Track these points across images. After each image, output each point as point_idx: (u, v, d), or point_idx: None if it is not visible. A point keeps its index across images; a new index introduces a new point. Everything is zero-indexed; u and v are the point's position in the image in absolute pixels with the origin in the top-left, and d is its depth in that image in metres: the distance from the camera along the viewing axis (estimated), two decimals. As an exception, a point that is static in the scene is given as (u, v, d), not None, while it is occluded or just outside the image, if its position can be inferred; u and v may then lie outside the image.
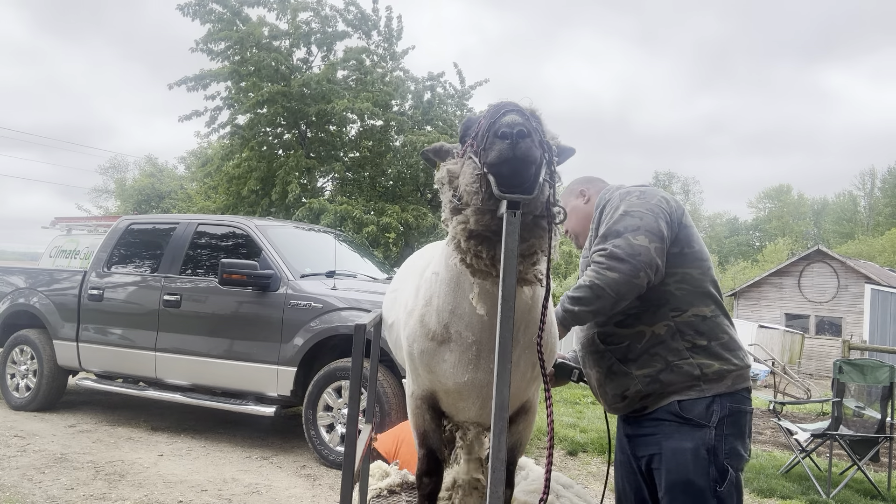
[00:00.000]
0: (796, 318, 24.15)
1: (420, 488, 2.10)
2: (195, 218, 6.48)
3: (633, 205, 2.09)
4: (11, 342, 6.85)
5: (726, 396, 2.02)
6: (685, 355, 2.04)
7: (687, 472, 1.98)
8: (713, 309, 2.10)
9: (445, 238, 1.77)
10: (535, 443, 5.90)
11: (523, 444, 2.13)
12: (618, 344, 2.11)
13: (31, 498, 4.08)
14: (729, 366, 2.05)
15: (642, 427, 2.12)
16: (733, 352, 2.08)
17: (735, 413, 2.03)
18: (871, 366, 5.70)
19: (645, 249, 1.99)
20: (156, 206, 28.82)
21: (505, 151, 1.45)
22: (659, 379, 2.04)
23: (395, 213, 10.50)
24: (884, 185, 56.91)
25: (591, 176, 2.48)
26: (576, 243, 2.45)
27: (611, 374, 2.13)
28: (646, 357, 2.07)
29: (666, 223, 2.06)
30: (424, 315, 1.86)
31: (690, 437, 2.00)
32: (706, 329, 2.06)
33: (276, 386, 5.33)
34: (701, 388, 2.02)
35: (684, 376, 2.02)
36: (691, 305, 2.07)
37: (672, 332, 2.05)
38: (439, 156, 1.80)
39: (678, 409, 2.02)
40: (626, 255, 1.97)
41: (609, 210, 2.14)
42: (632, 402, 2.11)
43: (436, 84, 11.70)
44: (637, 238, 2.00)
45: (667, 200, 2.14)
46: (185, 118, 10.93)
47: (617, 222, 2.06)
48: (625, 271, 1.96)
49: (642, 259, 1.97)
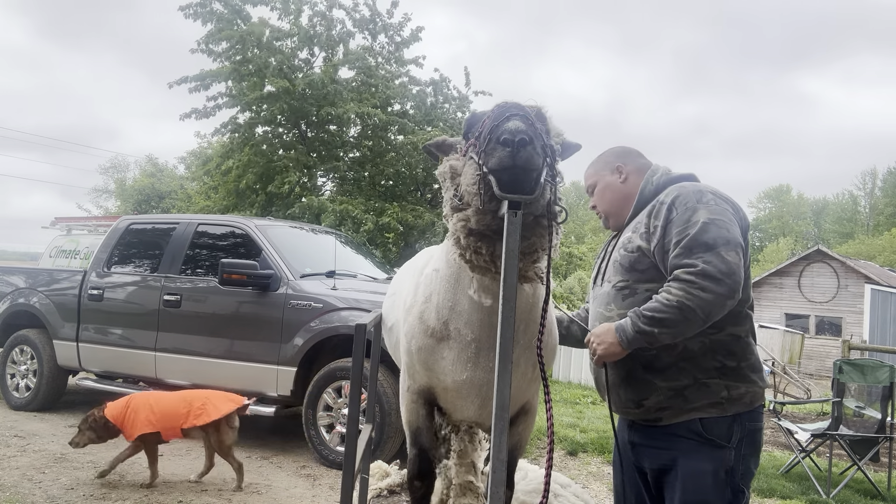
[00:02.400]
0: (796, 318, 24.13)
1: (412, 492, 2.09)
2: (195, 218, 6.47)
3: (716, 211, 1.92)
4: (11, 342, 6.84)
5: (746, 415, 1.99)
6: (713, 374, 1.97)
7: (704, 496, 1.93)
8: (747, 329, 2.03)
9: (445, 236, 1.77)
10: (535, 443, 5.89)
11: (523, 445, 2.12)
12: (645, 351, 1.98)
13: (31, 498, 4.08)
14: (754, 388, 2.01)
15: (654, 439, 2.06)
16: (758, 373, 2.04)
17: (753, 432, 2.00)
18: (871, 366, 5.70)
19: (738, 268, 1.85)
20: (156, 206, 28.84)
21: (506, 159, 1.44)
22: (684, 394, 1.97)
23: (395, 212, 10.50)
24: (884, 184, 56.88)
25: (629, 148, 2.26)
26: (605, 223, 2.24)
27: (630, 378, 2.05)
28: (673, 370, 1.98)
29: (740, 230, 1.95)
30: (424, 311, 1.85)
31: (710, 458, 1.94)
32: (738, 350, 1.99)
33: (276, 386, 5.32)
34: (724, 407, 1.96)
35: (711, 395, 1.96)
36: (729, 324, 1.97)
37: (705, 349, 1.97)
38: (442, 150, 1.79)
39: (700, 429, 1.96)
40: (722, 275, 1.82)
41: (682, 210, 1.94)
42: (647, 412, 2.04)
43: (439, 88, 11.69)
44: (729, 254, 1.84)
45: (736, 209, 2.00)
46: (185, 116, 10.96)
47: (703, 231, 1.88)
48: (721, 293, 1.82)
49: (737, 279, 1.84)
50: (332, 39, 11.10)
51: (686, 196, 1.97)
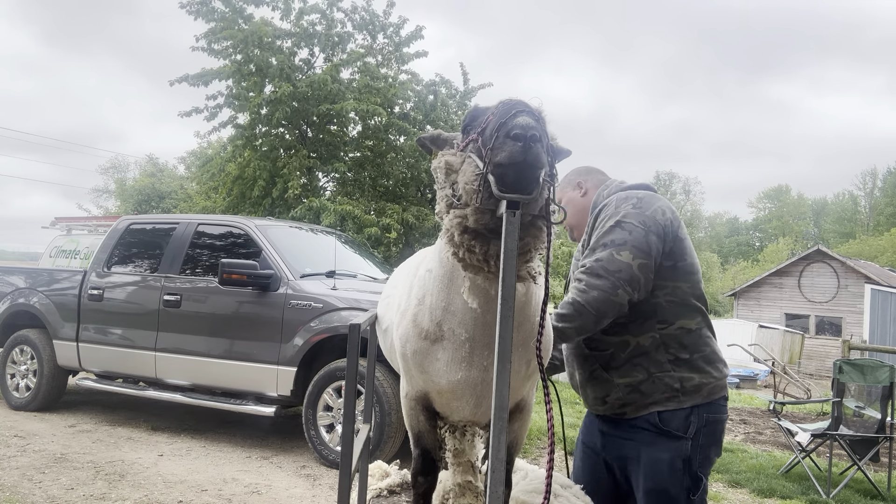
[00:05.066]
0: (796, 318, 24.15)
1: (415, 487, 2.09)
2: (195, 218, 6.48)
3: (628, 215, 2.06)
4: (11, 342, 6.85)
5: (704, 407, 2.07)
6: (667, 368, 2.07)
7: (663, 482, 2.05)
8: (699, 321, 2.12)
9: (439, 235, 1.76)
10: (535, 443, 5.90)
11: (520, 443, 2.12)
12: (602, 350, 2.14)
13: (31, 498, 4.08)
14: (709, 378, 2.09)
15: (619, 430, 2.18)
16: (713, 364, 2.12)
17: (711, 423, 2.09)
18: (871, 366, 5.70)
19: (626, 266, 1.99)
20: (156, 206, 28.85)
21: (517, 154, 1.42)
22: (639, 389, 2.08)
23: (396, 213, 10.50)
24: (884, 184, 56.89)
25: (591, 167, 2.45)
26: (570, 235, 2.45)
27: (593, 378, 2.18)
28: (628, 367, 2.09)
29: (657, 237, 2.05)
30: (417, 314, 1.84)
31: (667, 448, 2.06)
32: (690, 342, 2.09)
33: (276, 386, 5.33)
34: (680, 399, 2.06)
35: (664, 388, 2.06)
36: (678, 318, 2.09)
37: (657, 344, 2.08)
38: (437, 144, 1.76)
39: (657, 421, 2.07)
40: (606, 272, 1.98)
41: (605, 216, 2.11)
42: (612, 407, 2.16)
43: (439, 87, 11.69)
44: (621, 254, 2.00)
45: (663, 211, 2.11)
46: (185, 114, 10.97)
47: (607, 233, 2.05)
48: (604, 288, 1.97)
49: (622, 276, 1.97)
50: (332, 39, 11.11)
51: (612, 203, 2.13)
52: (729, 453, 6.20)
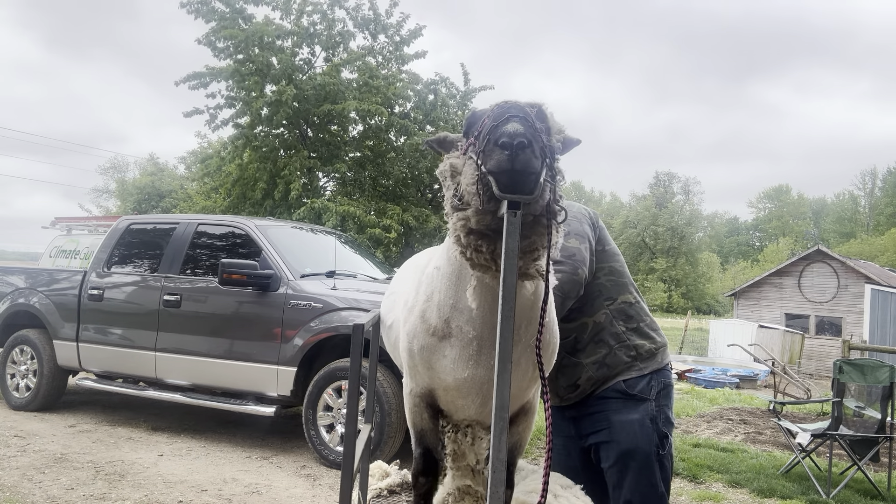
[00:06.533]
0: (796, 318, 24.12)
1: (416, 487, 2.09)
2: (195, 218, 6.47)
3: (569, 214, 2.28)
4: (11, 342, 6.84)
5: (659, 373, 2.37)
6: (623, 337, 2.35)
7: (636, 441, 2.27)
8: (635, 296, 2.44)
9: (447, 235, 1.77)
10: (535, 443, 5.90)
11: (523, 445, 2.12)
12: (565, 339, 2.27)
13: (31, 498, 4.08)
14: (656, 344, 2.39)
15: (588, 407, 2.37)
16: (656, 331, 2.43)
17: (666, 386, 2.38)
18: (871, 366, 5.70)
19: (577, 249, 2.27)
20: (156, 206, 28.86)
21: (504, 163, 1.44)
22: (605, 363, 2.32)
23: (396, 213, 10.49)
24: (884, 184, 56.90)
25: None
26: None
27: (561, 367, 2.33)
28: (592, 345, 2.34)
29: (589, 226, 2.37)
30: (426, 311, 1.85)
31: (636, 409, 2.29)
32: (634, 313, 2.40)
33: (276, 386, 5.33)
34: (640, 367, 2.34)
35: (626, 356, 2.33)
36: (620, 293, 2.40)
37: (609, 318, 2.35)
38: (443, 146, 1.78)
39: (624, 387, 2.31)
40: (563, 257, 2.21)
41: None
42: (584, 390, 2.36)
43: (439, 86, 11.68)
44: (569, 241, 2.26)
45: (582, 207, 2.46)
46: (187, 115, 10.97)
47: None
48: (566, 270, 2.20)
49: (577, 258, 2.25)
50: (333, 39, 11.10)
51: None
52: (729, 453, 6.20)
